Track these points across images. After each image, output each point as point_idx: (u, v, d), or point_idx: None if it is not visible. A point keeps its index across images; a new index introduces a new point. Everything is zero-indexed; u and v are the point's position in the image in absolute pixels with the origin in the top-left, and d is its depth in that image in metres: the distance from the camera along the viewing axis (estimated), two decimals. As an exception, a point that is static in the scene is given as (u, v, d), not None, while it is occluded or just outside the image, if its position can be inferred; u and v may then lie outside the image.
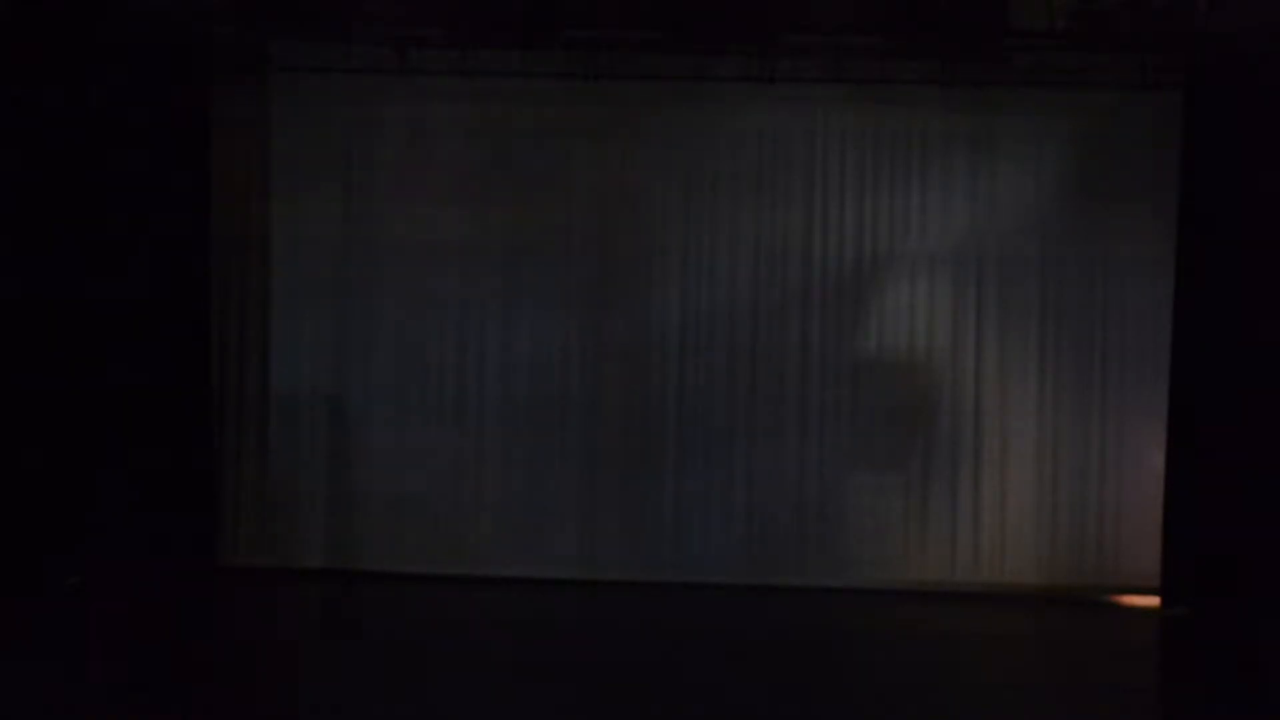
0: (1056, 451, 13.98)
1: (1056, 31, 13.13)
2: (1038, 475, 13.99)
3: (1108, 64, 13.57)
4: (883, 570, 13.96)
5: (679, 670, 11.46)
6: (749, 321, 14.08)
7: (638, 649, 12.11)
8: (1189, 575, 13.20)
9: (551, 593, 13.73)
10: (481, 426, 14.10)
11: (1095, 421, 13.95)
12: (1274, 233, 13.03)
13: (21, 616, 12.29)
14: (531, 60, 13.75)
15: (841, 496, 14.02)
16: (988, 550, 13.99)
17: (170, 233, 13.58)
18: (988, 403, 14.01)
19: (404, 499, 14.05)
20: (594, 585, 13.85)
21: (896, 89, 13.83)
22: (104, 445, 13.30)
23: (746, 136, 14.06)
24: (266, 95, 14.13)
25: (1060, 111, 13.90)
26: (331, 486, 14.10)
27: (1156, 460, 13.50)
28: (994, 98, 13.87)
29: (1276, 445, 12.97)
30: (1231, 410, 13.04)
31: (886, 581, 13.91)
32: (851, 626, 13.05)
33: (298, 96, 14.10)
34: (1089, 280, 13.98)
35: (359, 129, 14.13)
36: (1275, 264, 13.03)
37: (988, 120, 13.99)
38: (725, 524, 14.02)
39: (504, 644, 12.12)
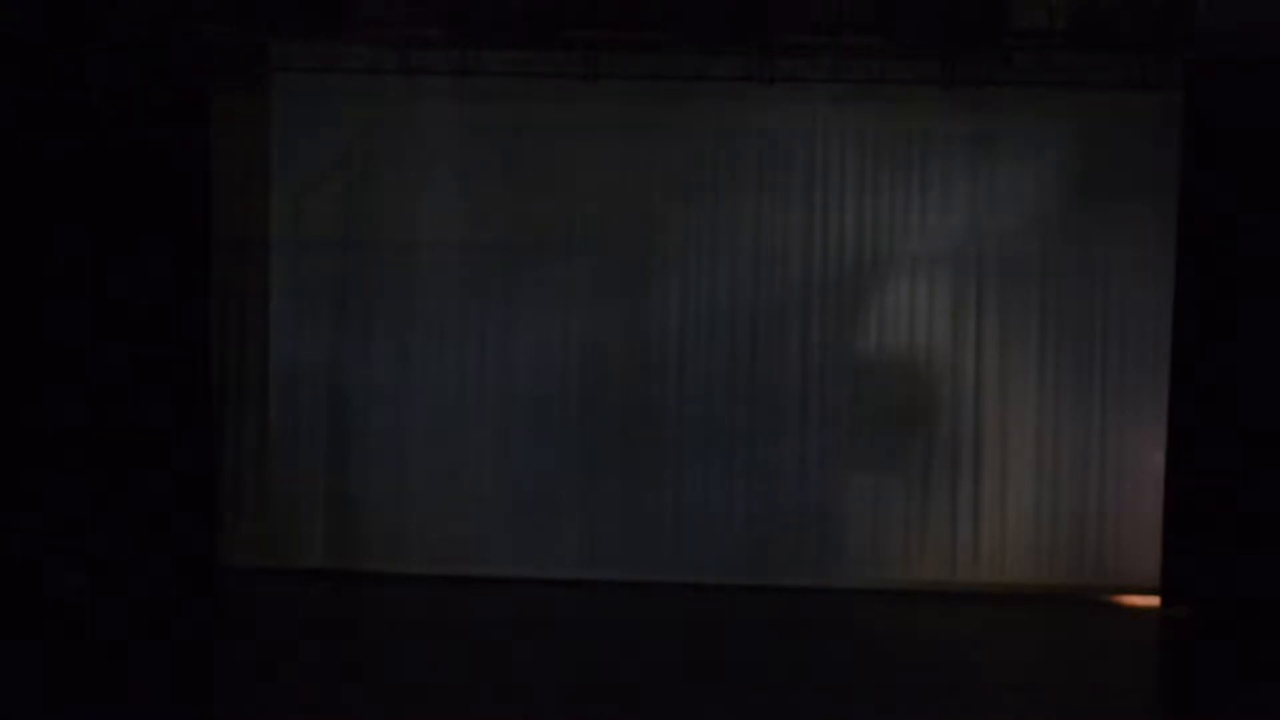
0: (1056, 451, 13.97)
1: (1056, 31, 13.14)
2: (1038, 475, 13.97)
3: (1108, 64, 13.56)
4: (883, 570, 13.96)
5: (679, 670, 11.46)
6: (749, 321, 14.07)
7: (638, 649, 12.11)
8: (1189, 575, 13.21)
9: (551, 593, 13.72)
10: (481, 426, 14.09)
11: (1095, 422, 13.93)
12: (1274, 233, 13.04)
13: (22, 617, 12.29)
14: (531, 60, 13.75)
15: (841, 496, 14.01)
16: (988, 550, 13.98)
17: (170, 232, 13.58)
18: (988, 403, 14.00)
19: (404, 498, 14.05)
20: (594, 585, 13.84)
21: (896, 89, 13.82)
22: (104, 445, 13.29)
23: (746, 136, 14.04)
24: (266, 95, 14.13)
25: (1060, 111, 13.89)
26: (331, 486, 14.11)
27: (1156, 460, 13.50)
28: (994, 98, 13.85)
29: (1276, 446, 12.98)
30: (1231, 410, 13.05)
31: (886, 581, 13.90)
32: (851, 626, 13.05)
33: (298, 96, 14.10)
34: (1089, 280, 13.96)
35: (359, 129, 14.13)
36: (1275, 264, 13.04)
37: (988, 120, 13.98)
38: (725, 524, 14.00)
39: (504, 644, 12.13)
